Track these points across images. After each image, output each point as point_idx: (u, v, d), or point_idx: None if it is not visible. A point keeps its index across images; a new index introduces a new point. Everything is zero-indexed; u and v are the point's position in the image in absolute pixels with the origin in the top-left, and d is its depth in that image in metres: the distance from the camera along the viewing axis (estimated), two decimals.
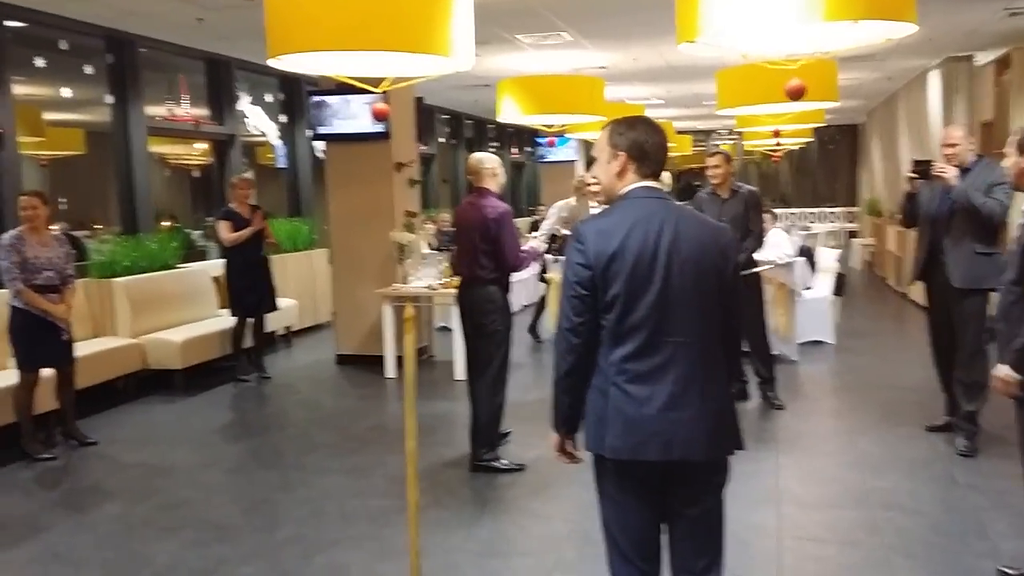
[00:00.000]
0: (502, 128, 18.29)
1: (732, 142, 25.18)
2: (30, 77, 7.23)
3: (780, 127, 10.85)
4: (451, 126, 15.80)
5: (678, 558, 2.40)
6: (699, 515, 2.37)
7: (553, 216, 8.64)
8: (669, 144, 2.55)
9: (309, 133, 10.91)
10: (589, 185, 6.09)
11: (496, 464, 4.83)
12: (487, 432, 4.86)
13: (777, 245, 7.44)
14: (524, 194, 20.09)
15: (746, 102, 7.30)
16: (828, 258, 9.28)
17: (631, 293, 2.24)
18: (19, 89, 6.78)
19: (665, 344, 2.25)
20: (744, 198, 5.84)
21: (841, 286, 9.19)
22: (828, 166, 22.92)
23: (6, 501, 4.56)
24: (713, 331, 2.31)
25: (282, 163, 10.92)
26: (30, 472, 5.00)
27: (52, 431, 5.48)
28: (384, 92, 4.64)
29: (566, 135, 11.75)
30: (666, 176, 7.49)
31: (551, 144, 12.97)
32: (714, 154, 6.01)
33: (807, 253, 8.96)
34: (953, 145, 4.74)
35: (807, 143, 19.08)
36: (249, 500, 4.50)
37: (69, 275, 5.28)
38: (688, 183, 23.79)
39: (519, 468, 4.83)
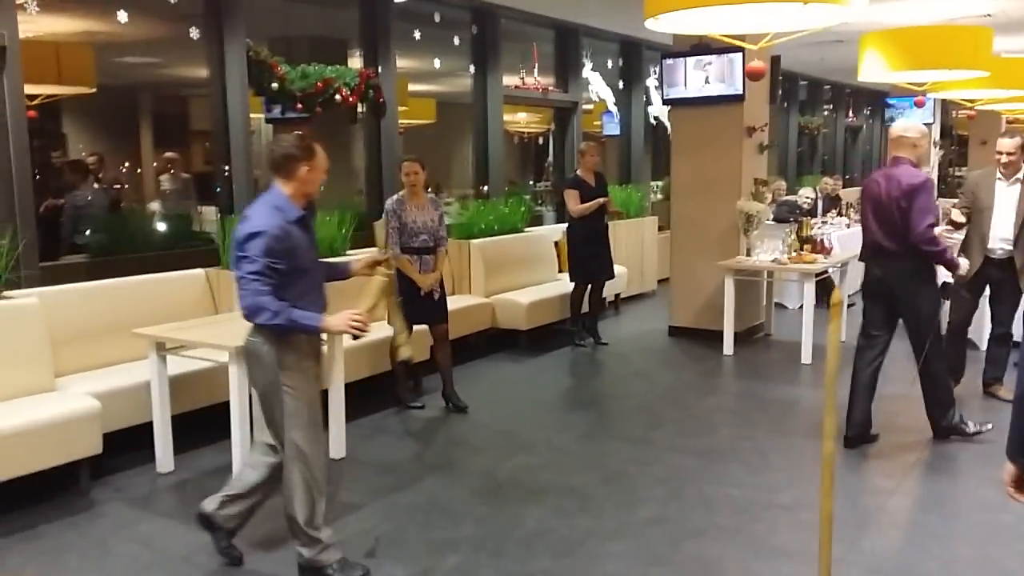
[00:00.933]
0: (838, 90, 16.86)
1: None
2: (405, 50, 7.79)
3: None
4: (784, 88, 14.80)
5: None
6: None
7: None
8: None
9: (645, 98, 10.81)
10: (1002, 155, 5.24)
11: (965, 427, 4.83)
12: (944, 400, 4.82)
13: None
14: (858, 163, 18.44)
15: None
16: None
17: None
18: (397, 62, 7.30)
19: None
20: None
21: None
22: None
23: (385, 446, 4.93)
24: None
25: (611, 130, 10.90)
26: (402, 420, 5.38)
27: (419, 379, 5.87)
28: (749, 50, 4.32)
29: (927, 94, 10.42)
30: None
31: (920, 104, 11.61)
32: None
33: None
34: None
35: None
36: (605, 471, 4.45)
37: (442, 237, 5.44)
38: None
39: (988, 429, 4.83)
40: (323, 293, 3.26)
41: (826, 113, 16.61)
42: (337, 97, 6.37)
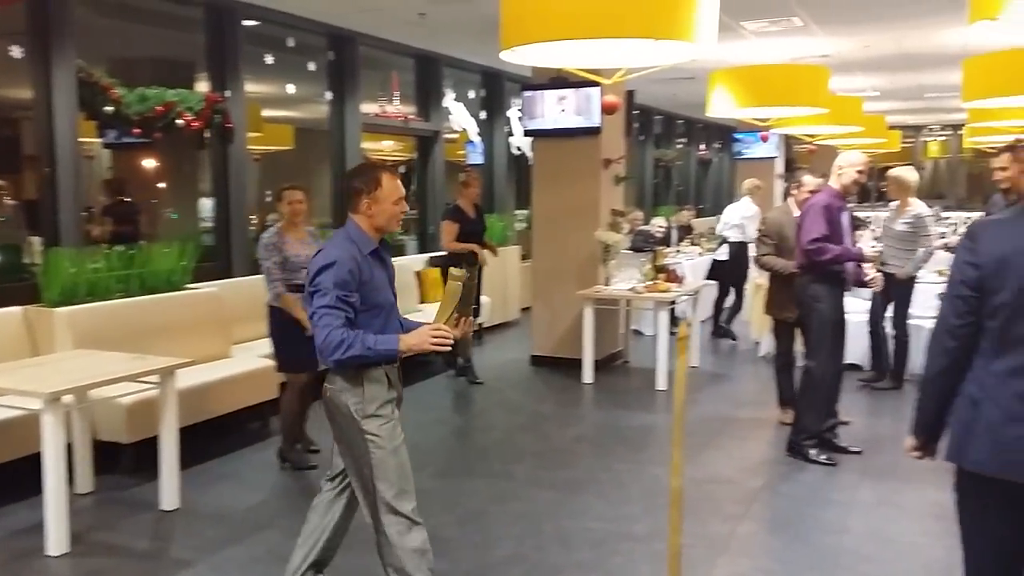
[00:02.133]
0: (691, 124, 17.62)
1: (945, 138, 23.07)
2: (257, 74, 7.50)
3: None
4: (640, 121, 15.31)
5: None
6: None
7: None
8: (877, 140, 2.21)
9: (507, 129, 10.88)
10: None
11: (811, 455, 4.96)
12: (807, 419, 4.99)
13: None
14: (710, 194, 19.29)
15: (1000, 93, 6.43)
16: None
17: (1021, 302, 2.08)
18: (247, 86, 7.01)
19: None
20: None
21: None
22: None
23: (224, 495, 4.58)
24: None
25: (475, 160, 10.90)
26: (245, 466, 5.04)
27: (267, 420, 5.55)
28: (603, 84, 4.38)
29: (771, 129, 11.02)
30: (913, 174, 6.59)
31: (765, 139, 12.24)
32: (1002, 151, 5.16)
33: None
34: None
35: None
36: (462, 510, 4.31)
37: None
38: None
39: (832, 463, 4.93)
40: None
41: (680, 146, 17.31)
42: (179, 122, 6.00)
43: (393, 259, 8.11)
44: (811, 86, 7.10)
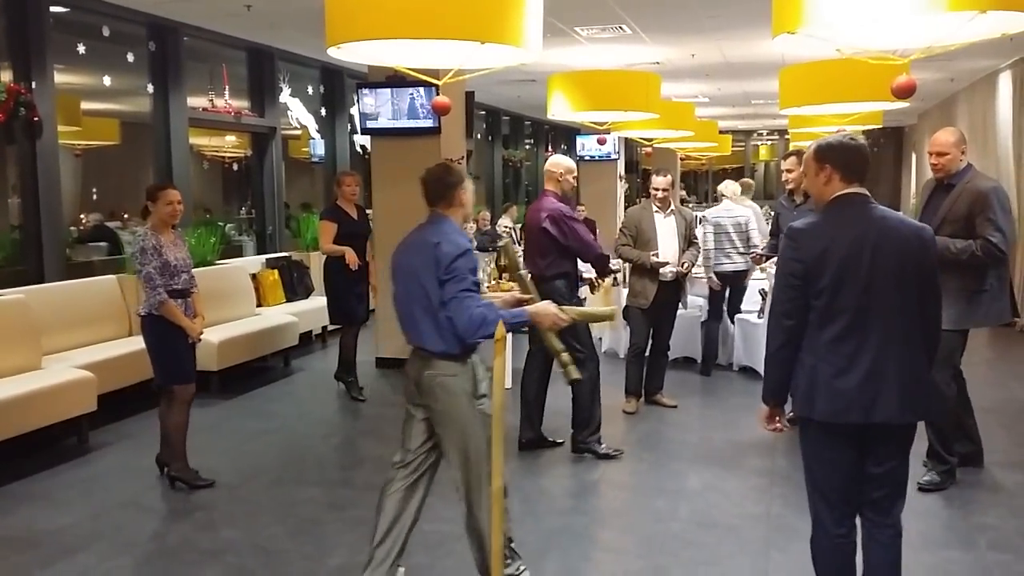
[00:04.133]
0: (538, 125, 17.96)
1: (771, 143, 24.70)
2: (70, 65, 6.97)
3: (843, 128, 10.38)
4: (487, 122, 15.47)
5: (868, 507, 2.79)
6: (888, 472, 2.73)
7: None
8: (710, 144, 2.72)
9: (349, 127, 10.67)
10: (658, 191, 5.97)
11: (596, 448, 5.04)
12: (584, 420, 5.07)
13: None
14: None
15: (811, 101, 6.90)
16: None
17: (838, 283, 2.62)
18: (59, 77, 6.52)
19: (868, 326, 2.62)
20: None
21: None
22: (870, 170, 22.26)
23: (34, 517, 4.25)
24: (912, 315, 2.65)
25: (318, 157, 10.64)
26: (58, 484, 4.69)
27: (85, 435, 5.19)
28: (436, 85, 4.38)
29: (611, 132, 11.37)
30: (735, 186, 7.15)
31: (602, 142, 12.58)
32: (788, 155, 5.67)
33: None
34: (942, 154, 4.34)
35: None
36: (295, 520, 4.17)
37: (193, 275, 4.72)
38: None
39: (618, 454, 5.05)
40: None
41: (528, 147, 17.61)
42: None
43: (226, 261, 7.80)
44: (643, 91, 7.35)
